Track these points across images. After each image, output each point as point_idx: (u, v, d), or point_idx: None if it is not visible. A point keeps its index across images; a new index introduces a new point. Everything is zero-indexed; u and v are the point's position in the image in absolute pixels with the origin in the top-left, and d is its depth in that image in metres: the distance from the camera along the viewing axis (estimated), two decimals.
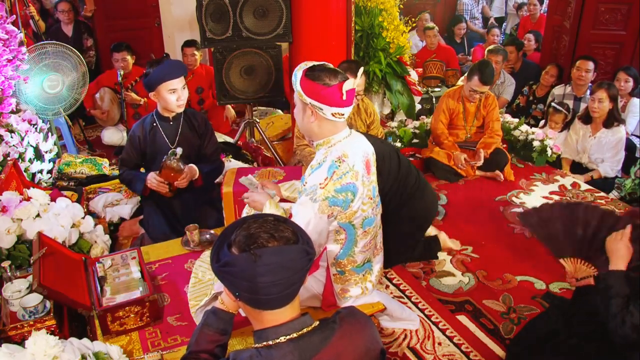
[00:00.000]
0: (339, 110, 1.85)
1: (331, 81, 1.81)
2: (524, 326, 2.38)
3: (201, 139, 2.83)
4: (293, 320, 1.23)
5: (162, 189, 2.67)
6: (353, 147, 1.94)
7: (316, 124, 1.91)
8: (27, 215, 2.27)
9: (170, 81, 2.57)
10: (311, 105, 1.85)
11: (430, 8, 7.26)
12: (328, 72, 1.83)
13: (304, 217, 1.84)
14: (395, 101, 4.52)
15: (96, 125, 5.01)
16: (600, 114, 3.82)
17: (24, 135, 3.05)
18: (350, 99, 1.86)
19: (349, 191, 1.88)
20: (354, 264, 2.07)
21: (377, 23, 4.28)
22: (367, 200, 2.00)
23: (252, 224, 1.23)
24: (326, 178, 1.84)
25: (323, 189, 1.83)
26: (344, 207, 1.90)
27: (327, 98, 1.81)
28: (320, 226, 1.88)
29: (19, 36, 3.01)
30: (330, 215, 1.88)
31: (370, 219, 2.04)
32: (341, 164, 1.86)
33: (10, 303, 1.91)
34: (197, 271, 2.22)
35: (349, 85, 1.83)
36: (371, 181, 2.04)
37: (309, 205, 1.84)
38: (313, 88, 1.82)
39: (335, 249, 2.02)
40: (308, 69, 1.85)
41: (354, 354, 1.26)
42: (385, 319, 2.43)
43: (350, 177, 1.87)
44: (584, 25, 4.86)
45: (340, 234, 1.99)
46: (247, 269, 1.17)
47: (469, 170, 3.93)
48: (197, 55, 4.78)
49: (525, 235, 3.25)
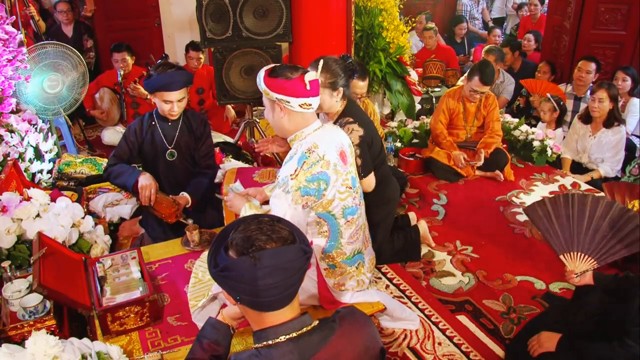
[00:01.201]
0: (306, 101, 1.92)
1: (292, 74, 1.89)
2: (524, 326, 2.38)
3: (197, 142, 2.81)
4: (293, 319, 1.23)
5: (147, 195, 2.55)
6: (324, 138, 1.99)
7: (286, 118, 1.98)
8: (27, 215, 2.27)
9: (167, 92, 2.53)
10: (278, 100, 1.93)
11: (430, 8, 7.27)
12: (289, 67, 1.93)
13: (280, 210, 1.90)
14: (395, 101, 4.52)
15: (96, 125, 5.01)
16: (601, 114, 3.82)
17: (24, 135, 3.05)
18: (314, 89, 1.92)
19: (320, 180, 1.92)
20: (343, 255, 2.10)
21: (377, 23, 4.28)
22: (345, 190, 2.03)
23: (248, 225, 1.22)
24: (296, 169, 1.90)
25: (294, 179, 1.89)
26: (317, 197, 1.94)
27: (292, 90, 1.89)
28: (296, 217, 1.92)
29: (19, 36, 3.01)
30: (304, 205, 1.93)
31: (352, 209, 2.07)
32: (311, 154, 1.92)
33: (10, 303, 1.91)
34: (197, 271, 2.22)
35: (311, 76, 1.89)
36: (348, 171, 2.07)
37: (283, 197, 1.90)
38: (276, 83, 1.90)
39: (322, 242, 2.06)
40: (270, 69, 1.95)
41: (353, 353, 1.26)
42: (385, 319, 2.43)
43: (320, 166, 1.92)
44: (584, 25, 4.87)
45: (322, 226, 2.03)
46: (246, 272, 1.16)
47: (469, 170, 3.93)
48: (202, 59, 4.78)
49: (525, 235, 3.25)
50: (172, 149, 2.74)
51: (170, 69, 2.53)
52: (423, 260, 3.00)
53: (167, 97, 2.55)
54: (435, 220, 3.43)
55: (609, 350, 1.81)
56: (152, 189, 2.55)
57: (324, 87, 2.39)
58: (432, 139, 4.11)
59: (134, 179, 2.58)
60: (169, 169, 2.76)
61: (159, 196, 2.58)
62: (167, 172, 2.75)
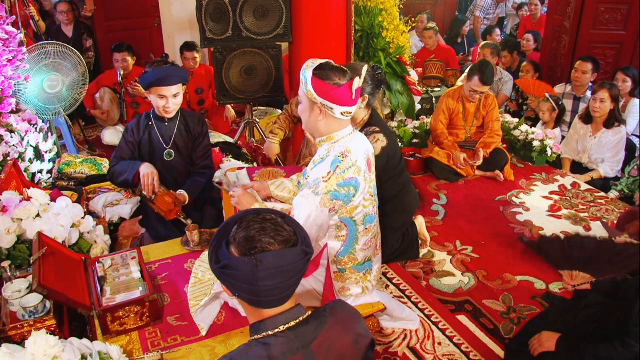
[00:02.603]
0: (348, 109, 1.89)
1: (341, 80, 1.84)
2: (524, 326, 2.38)
3: (194, 142, 2.81)
4: (290, 310, 1.25)
5: (149, 183, 2.57)
6: (356, 144, 1.96)
7: (324, 122, 1.93)
8: (27, 215, 2.27)
9: (162, 87, 2.54)
10: (321, 104, 1.87)
11: (430, 8, 7.27)
12: (337, 71, 1.86)
13: (305, 210, 1.87)
14: (395, 101, 4.52)
15: (96, 125, 5.01)
16: (601, 114, 3.81)
17: (24, 135, 3.04)
18: (357, 97, 1.90)
19: (351, 186, 1.89)
20: (355, 261, 2.08)
21: (377, 23, 4.27)
22: (369, 197, 2.02)
23: (251, 223, 1.22)
24: (329, 172, 1.87)
25: (326, 182, 1.86)
26: (345, 202, 1.92)
27: (338, 98, 1.84)
28: (320, 219, 1.89)
29: (19, 36, 3.01)
30: (331, 209, 1.90)
31: (372, 217, 2.06)
32: (344, 159, 1.88)
33: (10, 303, 1.90)
34: (197, 271, 2.21)
35: (357, 84, 1.86)
36: (372, 179, 2.06)
37: (311, 199, 1.86)
38: (324, 88, 1.84)
39: (337, 246, 2.04)
40: (316, 68, 1.86)
41: (346, 341, 1.28)
42: (385, 319, 2.43)
43: (353, 172, 1.89)
44: (584, 25, 4.87)
45: (341, 230, 2.01)
46: (247, 273, 1.16)
47: (468, 170, 3.93)
48: (198, 58, 4.77)
49: (525, 235, 3.25)
50: (169, 149, 2.74)
51: (166, 65, 2.55)
52: (423, 260, 3.00)
53: (162, 92, 2.55)
54: (435, 220, 3.43)
55: (611, 351, 1.81)
56: (155, 176, 2.56)
57: None
58: (433, 139, 4.11)
59: (135, 171, 2.60)
60: (167, 170, 2.76)
61: (162, 190, 2.58)
62: (165, 173, 2.74)
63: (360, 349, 1.31)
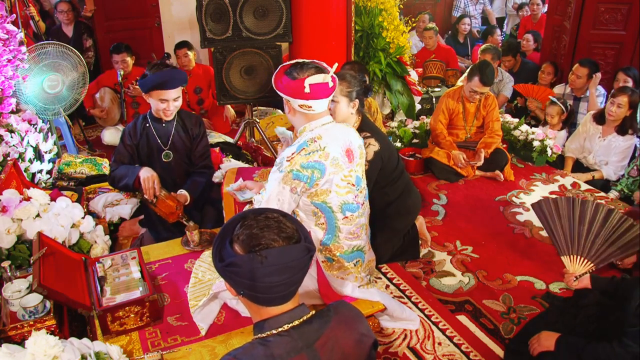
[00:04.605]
0: (306, 103, 1.96)
1: (298, 75, 1.92)
2: (524, 326, 2.38)
3: (193, 142, 2.80)
4: (293, 309, 1.25)
5: (150, 186, 2.56)
6: (331, 132, 2.02)
7: (291, 114, 2.05)
8: (27, 215, 2.27)
9: (163, 91, 2.54)
10: (284, 98, 1.99)
11: (430, 8, 7.27)
12: (301, 66, 1.95)
13: (270, 186, 1.97)
14: (395, 101, 4.52)
15: (96, 125, 5.00)
16: (616, 119, 3.77)
17: (24, 135, 3.04)
18: (315, 92, 1.93)
19: (315, 169, 1.95)
20: (341, 249, 2.12)
21: (377, 23, 4.28)
22: (346, 185, 2.06)
23: (254, 221, 1.22)
24: (293, 152, 1.95)
25: (289, 161, 1.94)
26: (308, 184, 1.97)
27: (291, 90, 1.94)
28: (281, 196, 1.96)
29: (19, 36, 3.01)
30: (293, 189, 1.96)
31: (352, 206, 2.10)
32: (312, 143, 1.96)
33: (10, 303, 1.91)
34: (197, 271, 2.22)
35: (315, 79, 1.91)
36: (353, 169, 2.10)
37: (275, 175, 1.97)
38: (283, 82, 1.96)
39: (319, 233, 2.09)
40: (289, 64, 1.98)
41: (349, 340, 1.28)
42: (385, 319, 2.43)
43: (318, 156, 1.95)
44: (584, 25, 4.86)
45: (319, 217, 2.06)
46: (252, 270, 1.17)
47: (469, 170, 3.93)
48: (191, 56, 4.77)
49: (525, 235, 3.25)
50: (167, 150, 2.74)
51: (165, 68, 2.55)
52: (423, 260, 3.00)
53: (163, 95, 2.55)
54: (435, 220, 3.43)
55: (608, 351, 1.82)
56: (155, 179, 2.56)
57: (342, 95, 2.42)
58: (432, 139, 4.11)
59: (135, 176, 2.60)
60: (165, 171, 2.75)
61: (163, 193, 2.58)
62: (164, 174, 2.73)
63: (364, 349, 1.31)
